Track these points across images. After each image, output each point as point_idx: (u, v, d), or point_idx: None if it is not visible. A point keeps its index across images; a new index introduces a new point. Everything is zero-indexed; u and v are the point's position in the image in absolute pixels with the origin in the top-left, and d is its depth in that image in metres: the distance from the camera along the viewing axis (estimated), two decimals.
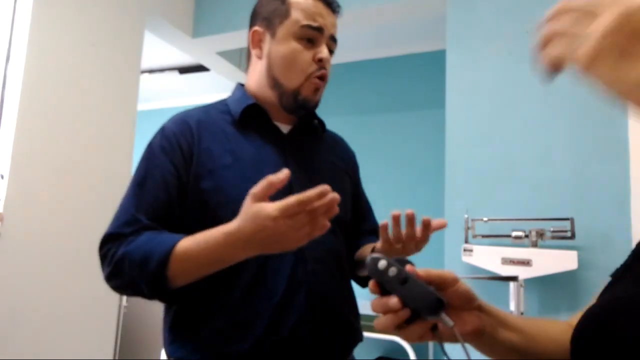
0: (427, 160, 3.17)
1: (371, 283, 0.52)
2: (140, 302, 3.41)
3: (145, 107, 4.46)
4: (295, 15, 0.89)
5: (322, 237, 0.80)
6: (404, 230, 0.83)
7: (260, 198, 0.69)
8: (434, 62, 3.13)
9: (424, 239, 0.84)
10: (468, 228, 1.84)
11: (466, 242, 1.83)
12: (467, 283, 0.57)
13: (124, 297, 3.39)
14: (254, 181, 0.80)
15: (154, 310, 3.33)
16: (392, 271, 0.51)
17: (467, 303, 0.54)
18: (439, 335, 0.52)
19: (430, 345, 2.86)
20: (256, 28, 0.94)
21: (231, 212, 0.78)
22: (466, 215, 1.85)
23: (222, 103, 0.98)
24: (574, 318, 0.60)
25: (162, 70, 3.76)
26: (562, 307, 1.72)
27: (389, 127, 3.32)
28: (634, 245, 0.53)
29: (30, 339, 1.79)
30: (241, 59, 3.28)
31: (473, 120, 1.96)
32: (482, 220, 1.83)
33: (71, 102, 2.00)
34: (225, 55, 3.07)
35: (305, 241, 0.70)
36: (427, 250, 0.89)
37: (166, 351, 0.87)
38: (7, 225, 1.72)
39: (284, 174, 0.68)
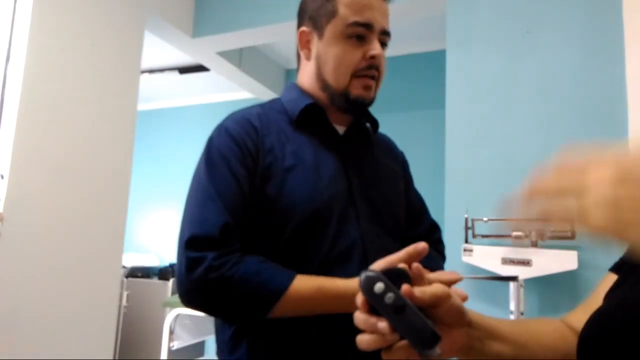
0: (427, 160, 3.17)
1: (361, 300, 0.47)
2: (140, 302, 3.41)
3: (145, 107, 4.46)
4: (343, 12, 0.84)
5: (387, 246, 0.81)
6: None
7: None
8: (434, 62, 3.14)
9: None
10: (468, 228, 1.84)
11: (466, 242, 1.83)
12: (466, 283, 0.56)
13: (124, 297, 3.40)
14: (315, 185, 0.81)
15: (154, 310, 3.33)
16: (389, 298, 0.45)
17: (458, 320, 0.51)
18: (424, 357, 0.47)
19: None
20: (303, 28, 0.90)
21: (295, 219, 0.78)
22: (466, 215, 1.85)
23: (277, 102, 0.93)
24: (571, 315, 0.60)
25: (162, 70, 3.76)
26: (562, 307, 1.72)
27: (389, 127, 3.31)
28: None
29: (30, 339, 1.79)
30: (241, 58, 3.28)
31: (473, 120, 1.96)
32: (482, 220, 1.83)
33: (71, 102, 2.00)
34: (225, 55, 3.07)
35: None
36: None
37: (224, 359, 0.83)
38: (7, 225, 1.72)
39: (422, 247, 0.65)
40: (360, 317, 0.46)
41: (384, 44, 0.88)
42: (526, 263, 1.67)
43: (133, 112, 2.33)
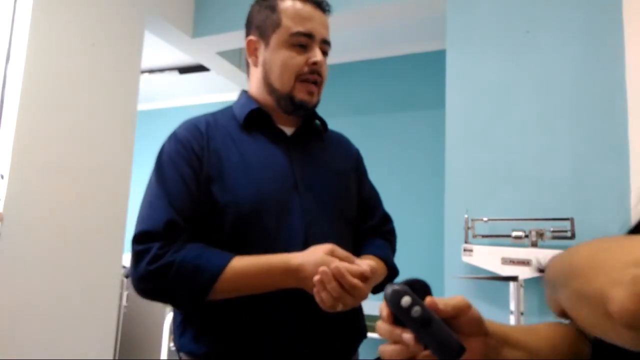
0: (427, 160, 3.17)
1: (386, 312, 0.49)
2: (140, 302, 3.41)
3: (145, 107, 4.46)
4: (286, 22, 0.91)
5: (332, 237, 0.86)
6: None
7: (332, 254, 0.78)
8: (434, 62, 3.13)
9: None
10: (468, 228, 1.84)
11: (466, 242, 1.83)
12: (466, 283, 0.56)
13: (124, 297, 3.39)
14: (261, 182, 0.87)
15: (154, 310, 3.33)
16: (416, 311, 0.46)
17: (477, 330, 0.52)
18: None
19: None
20: (251, 37, 0.98)
21: (237, 212, 0.84)
22: (466, 215, 1.85)
23: (228, 109, 1.01)
24: None
25: (162, 70, 3.76)
26: None
27: (389, 127, 3.32)
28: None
29: (30, 339, 1.79)
30: (241, 59, 3.28)
31: (473, 120, 1.96)
32: (482, 220, 1.83)
33: (71, 102, 2.00)
34: (225, 55, 3.07)
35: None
36: (428, 251, 0.90)
37: (176, 344, 0.89)
38: (7, 225, 1.72)
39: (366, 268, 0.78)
40: (384, 328, 0.48)
41: (325, 53, 0.96)
42: (526, 263, 1.67)
43: (133, 112, 2.33)
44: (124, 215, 2.24)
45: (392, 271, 1.00)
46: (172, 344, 3.09)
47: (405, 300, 0.46)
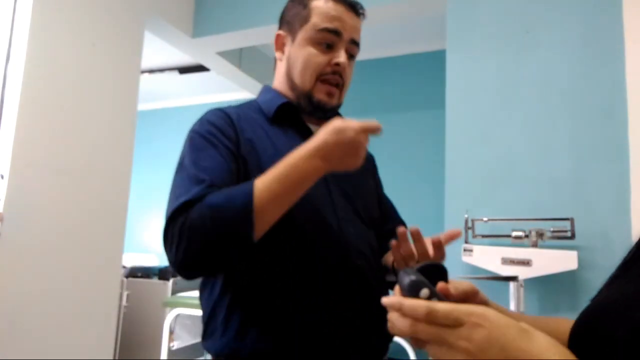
0: (427, 160, 3.17)
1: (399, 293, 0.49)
2: (140, 302, 3.41)
3: (145, 107, 4.46)
4: (315, 19, 0.90)
5: (362, 233, 0.87)
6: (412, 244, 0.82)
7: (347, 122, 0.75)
8: (434, 62, 3.13)
9: (440, 256, 0.82)
10: (468, 228, 1.84)
11: (466, 242, 1.83)
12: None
13: (124, 297, 3.40)
14: None
15: (154, 310, 3.33)
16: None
17: None
18: None
19: None
20: (280, 32, 0.97)
21: None
22: (466, 215, 1.85)
23: (253, 103, 0.98)
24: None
25: (162, 70, 3.76)
26: (562, 307, 1.72)
27: (389, 127, 3.30)
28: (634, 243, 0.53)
29: (30, 339, 1.79)
30: (241, 59, 3.28)
31: (473, 120, 1.96)
32: (482, 220, 1.83)
33: (71, 102, 2.00)
34: (225, 55, 3.07)
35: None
36: None
37: (212, 347, 0.84)
38: (7, 225, 1.72)
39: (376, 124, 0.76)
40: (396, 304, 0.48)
41: (352, 56, 0.94)
42: (526, 263, 1.67)
43: (133, 112, 2.33)
44: (124, 215, 2.24)
45: None
46: (172, 344, 3.09)
47: (424, 292, 0.46)
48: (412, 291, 0.46)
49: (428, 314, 0.43)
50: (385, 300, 0.48)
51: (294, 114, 0.94)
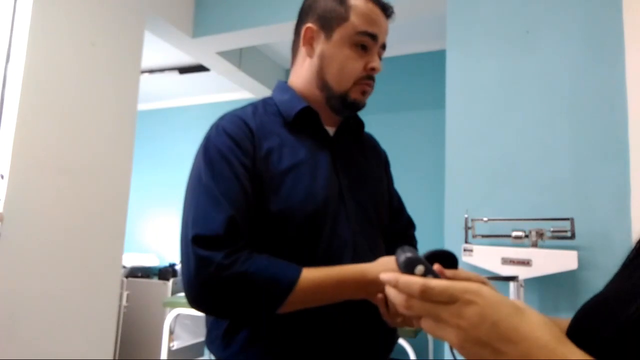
0: (427, 160, 3.17)
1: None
2: (140, 302, 3.41)
3: (145, 107, 4.46)
4: (354, 19, 0.88)
5: (375, 244, 0.87)
6: None
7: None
8: (434, 62, 3.14)
9: None
10: (468, 228, 1.84)
11: (466, 242, 1.83)
12: None
13: (124, 297, 3.40)
14: (311, 188, 0.84)
15: (154, 310, 3.33)
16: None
17: None
18: None
19: (430, 345, 2.86)
20: (310, 25, 0.91)
21: (290, 221, 0.81)
22: (466, 215, 1.85)
23: (270, 103, 0.95)
24: None
25: (162, 70, 3.76)
26: (562, 307, 1.72)
27: (389, 127, 3.32)
28: (633, 243, 0.54)
29: (30, 339, 1.79)
30: (241, 59, 3.28)
31: (473, 120, 1.96)
32: (482, 220, 1.83)
33: (71, 102, 2.00)
34: (225, 55, 3.07)
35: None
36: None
37: (217, 354, 0.85)
38: (7, 225, 1.72)
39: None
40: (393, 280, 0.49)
41: (380, 58, 0.94)
42: (526, 263, 1.67)
43: (133, 112, 2.33)
44: (124, 215, 2.24)
45: None
46: (172, 344, 3.09)
47: (419, 269, 0.46)
48: (407, 268, 0.47)
49: (422, 291, 0.44)
50: (382, 275, 0.48)
51: (314, 119, 0.92)
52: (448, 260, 0.51)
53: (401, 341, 2.31)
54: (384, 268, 0.75)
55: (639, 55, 1.70)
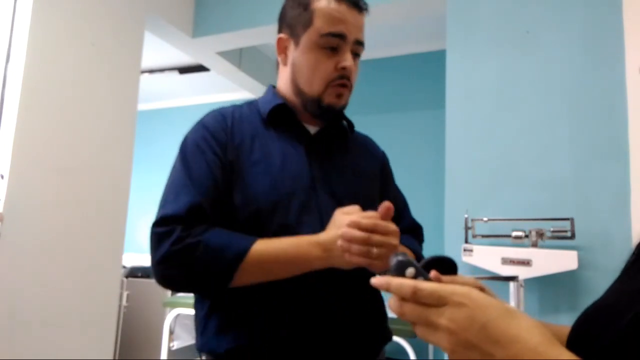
0: (427, 160, 3.17)
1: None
2: (140, 302, 3.41)
3: (145, 107, 4.46)
4: (318, 23, 0.88)
5: None
6: None
7: (343, 212, 0.78)
8: (434, 62, 3.13)
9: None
10: (468, 228, 1.84)
11: (466, 242, 1.83)
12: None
13: (124, 297, 3.40)
14: (277, 178, 0.86)
15: (154, 310, 3.33)
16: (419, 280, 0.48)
17: None
18: None
19: (430, 345, 2.86)
20: (281, 35, 0.94)
21: (255, 208, 0.83)
22: (466, 215, 1.85)
23: (254, 103, 0.99)
24: None
25: (162, 70, 3.76)
26: (562, 307, 1.72)
27: (388, 127, 3.32)
28: (634, 245, 0.53)
29: (30, 339, 1.79)
30: (241, 58, 3.28)
31: (473, 120, 1.96)
32: (482, 220, 1.83)
33: (71, 102, 2.00)
34: (225, 55, 3.08)
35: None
36: (428, 251, 0.89)
37: (196, 344, 0.87)
38: (7, 225, 1.72)
39: (385, 206, 0.75)
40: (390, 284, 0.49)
41: (357, 54, 0.92)
42: (526, 263, 1.67)
43: (133, 112, 2.33)
44: (124, 215, 2.24)
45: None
46: (172, 344, 3.09)
47: (410, 271, 0.47)
48: (398, 270, 0.47)
49: (414, 293, 0.44)
50: (373, 280, 0.48)
51: (290, 116, 0.93)
52: (447, 266, 0.51)
53: (401, 341, 2.31)
54: (331, 228, 0.78)
55: (639, 55, 1.70)
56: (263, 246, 0.78)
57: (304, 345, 0.81)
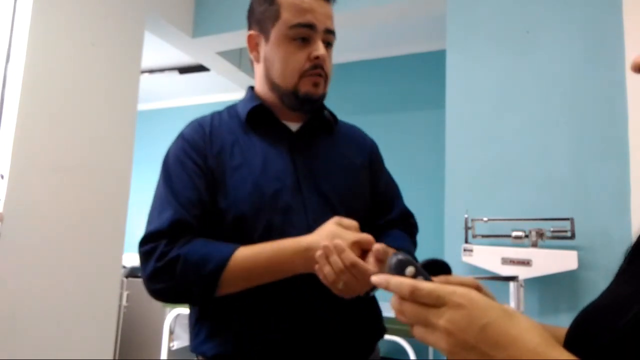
0: (427, 160, 3.17)
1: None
2: (140, 302, 3.41)
3: (145, 107, 4.46)
4: (285, 15, 0.87)
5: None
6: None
7: (339, 224, 0.78)
8: (434, 62, 3.14)
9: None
10: (468, 228, 1.84)
11: (466, 242, 1.83)
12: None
13: (124, 297, 3.40)
14: (259, 181, 0.85)
15: (154, 310, 3.33)
16: (419, 280, 0.47)
17: None
18: None
19: None
20: (251, 32, 0.94)
21: (239, 212, 0.83)
22: (466, 215, 1.85)
23: (233, 107, 0.98)
24: None
25: (162, 70, 3.76)
26: (562, 307, 1.72)
27: (388, 127, 3.32)
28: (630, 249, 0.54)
29: (30, 339, 1.79)
30: (241, 58, 3.28)
31: (473, 120, 1.96)
32: (482, 220, 1.83)
33: (71, 102, 2.00)
34: (225, 55, 3.08)
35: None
36: (428, 251, 0.89)
37: (190, 346, 0.88)
38: (7, 225, 1.72)
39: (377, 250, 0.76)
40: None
41: (329, 44, 0.91)
42: (526, 263, 1.67)
43: (133, 112, 2.33)
44: (124, 215, 2.24)
45: None
46: (172, 344, 3.09)
47: (409, 270, 0.46)
48: (398, 269, 0.47)
49: (412, 292, 0.44)
50: (373, 278, 0.48)
51: (268, 116, 0.93)
52: (441, 269, 0.51)
53: (401, 341, 2.31)
54: (320, 233, 0.78)
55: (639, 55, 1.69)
56: (244, 254, 0.78)
57: (296, 348, 0.81)
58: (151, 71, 3.77)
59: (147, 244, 0.81)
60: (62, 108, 1.96)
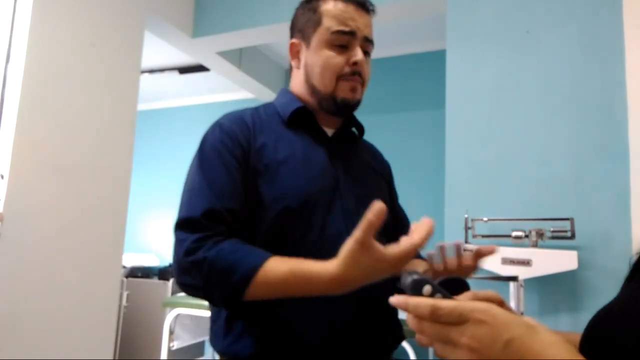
0: (427, 160, 3.17)
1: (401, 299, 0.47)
2: (140, 302, 3.41)
3: (145, 107, 4.46)
4: (327, 22, 0.91)
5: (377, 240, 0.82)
6: (448, 256, 0.85)
7: (368, 243, 0.66)
8: (434, 62, 3.13)
9: (474, 267, 0.85)
10: (468, 228, 1.84)
11: (466, 242, 1.83)
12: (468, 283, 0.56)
13: (124, 297, 3.40)
14: (305, 177, 0.87)
15: (154, 310, 3.33)
16: (437, 298, 0.46)
17: None
18: None
19: None
20: (293, 40, 0.98)
21: (284, 208, 0.83)
22: (466, 215, 1.85)
23: (270, 106, 1.00)
24: None
25: (162, 70, 3.76)
26: (562, 307, 1.72)
27: (388, 127, 3.32)
28: (633, 245, 0.53)
29: (30, 339, 1.79)
30: (241, 58, 3.28)
31: (473, 120, 1.96)
32: (482, 220, 1.83)
33: (71, 102, 2.00)
34: (225, 55, 3.07)
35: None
36: (428, 251, 0.89)
37: (217, 345, 0.86)
38: (7, 225, 1.72)
39: (378, 209, 0.64)
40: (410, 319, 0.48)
41: (367, 52, 0.95)
42: (526, 263, 1.67)
43: (133, 112, 2.33)
44: (124, 215, 2.24)
45: None
46: (172, 344, 3.09)
47: (427, 289, 0.46)
48: (414, 289, 0.46)
49: (432, 312, 0.43)
50: (392, 299, 0.47)
51: (309, 119, 0.95)
52: (459, 286, 0.51)
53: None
54: (358, 265, 0.68)
55: (639, 55, 1.70)
56: (274, 272, 0.73)
57: (330, 352, 0.81)
58: (151, 71, 3.77)
59: (179, 230, 0.80)
60: (62, 108, 1.96)
